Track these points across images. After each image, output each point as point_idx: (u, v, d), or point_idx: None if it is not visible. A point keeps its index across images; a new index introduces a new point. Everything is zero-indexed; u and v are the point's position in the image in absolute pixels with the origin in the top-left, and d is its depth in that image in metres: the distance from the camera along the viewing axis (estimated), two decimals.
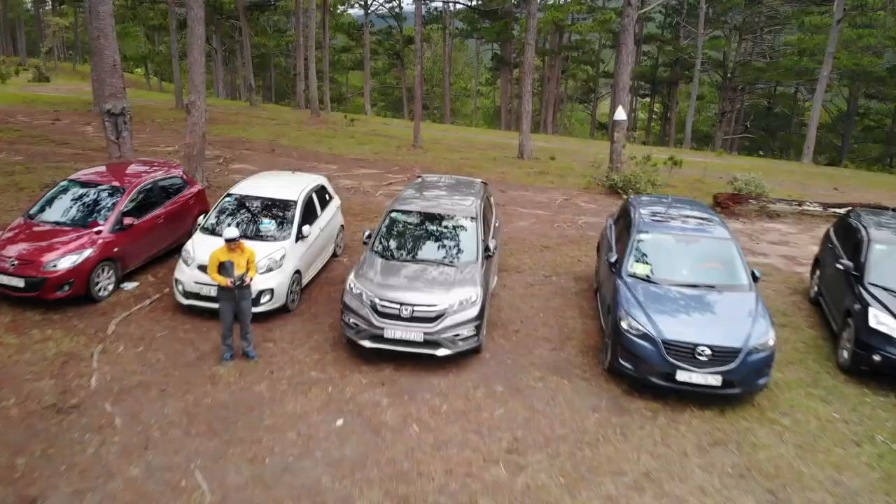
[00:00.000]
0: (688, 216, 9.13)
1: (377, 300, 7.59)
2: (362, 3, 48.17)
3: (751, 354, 6.97)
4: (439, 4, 49.42)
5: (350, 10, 57.00)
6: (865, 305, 7.99)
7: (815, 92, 33.93)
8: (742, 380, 6.98)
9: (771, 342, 7.13)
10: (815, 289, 10.27)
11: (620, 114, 17.98)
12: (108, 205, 9.30)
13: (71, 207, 9.34)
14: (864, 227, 9.29)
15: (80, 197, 9.51)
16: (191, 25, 13.92)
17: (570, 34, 49.66)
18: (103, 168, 10.76)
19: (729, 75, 48.58)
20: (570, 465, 6.18)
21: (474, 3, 47.91)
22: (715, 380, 6.93)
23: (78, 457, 5.98)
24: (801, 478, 6.22)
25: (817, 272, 10.37)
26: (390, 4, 50.83)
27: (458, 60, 66.53)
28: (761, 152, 41.44)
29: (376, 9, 49.30)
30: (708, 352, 6.92)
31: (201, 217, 9.89)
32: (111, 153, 12.97)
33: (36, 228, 9.01)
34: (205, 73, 14.55)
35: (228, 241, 7.29)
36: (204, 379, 7.29)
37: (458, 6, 49.86)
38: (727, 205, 16.01)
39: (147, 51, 58.61)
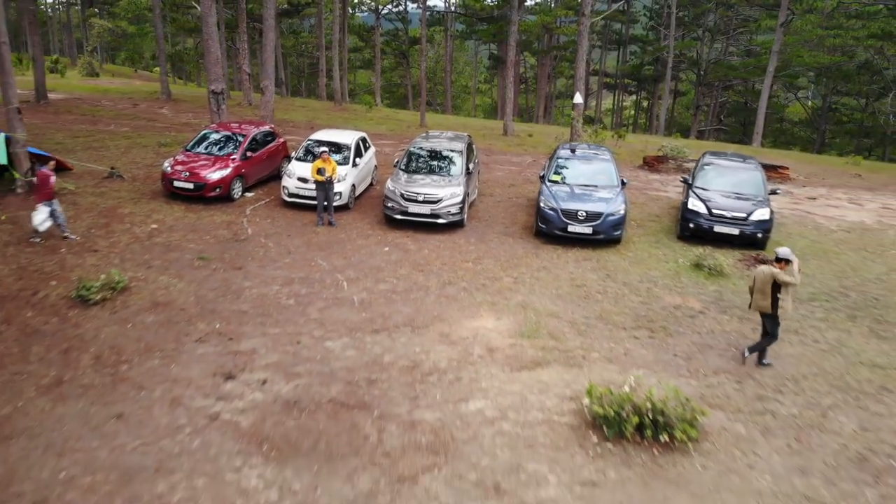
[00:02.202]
0: (589, 152, 14.90)
1: (404, 191, 13.37)
2: (373, 7, 53.85)
3: (609, 217, 12.73)
4: (441, 7, 55.14)
5: (359, 14, 62.80)
6: (688, 197, 13.74)
7: (763, 84, 39.47)
8: (604, 231, 12.74)
9: (622, 211, 12.89)
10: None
11: (578, 98, 23.70)
12: (236, 144, 15.07)
13: (213, 145, 15.13)
14: (702, 158, 15.06)
15: (217, 140, 15.29)
16: (265, 31, 19.70)
17: (557, 36, 54.99)
18: (225, 124, 16.55)
19: (702, 73, 54.13)
20: (506, 264, 11.97)
21: (467, 11, 53.28)
22: (588, 230, 12.70)
23: (254, 255, 11.75)
24: (627, 272, 11.99)
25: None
26: (398, 9, 56.48)
27: (459, 60, 72.12)
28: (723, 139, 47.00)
29: (386, 13, 54.88)
30: (584, 214, 12.68)
31: (293, 153, 15.68)
32: (213, 120, 18.70)
33: (193, 156, 14.78)
34: (273, 65, 20.28)
35: (322, 152, 13.12)
36: (310, 232, 13.09)
37: (463, 2, 55.52)
38: (652, 164, 21.73)
39: (173, 50, 64.27)
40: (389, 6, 54.57)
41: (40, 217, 11.43)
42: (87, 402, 7.47)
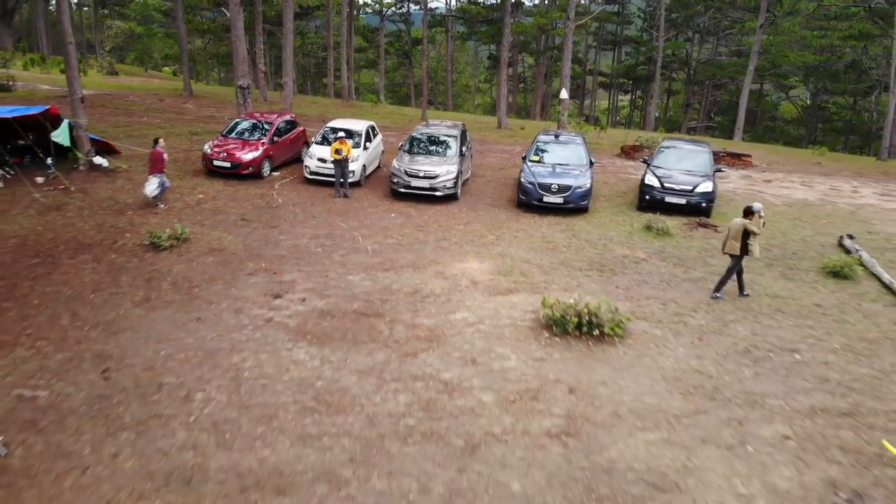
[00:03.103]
0: (565, 137, 17.49)
1: (407, 168, 15.98)
2: (378, 9, 56.49)
3: (577, 189, 15.31)
4: (443, 9, 57.67)
5: (363, 16, 65.42)
6: (646, 173, 16.33)
7: (744, 82, 41.98)
8: (573, 201, 15.33)
9: (588, 185, 15.48)
10: None
11: (564, 94, 26.29)
12: (264, 130, 17.67)
13: (245, 132, 17.74)
14: (662, 142, 17.64)
15: (248, 127, 17.90)
16: (285, 34, 22.31)
17: (554, 37, 57.41)
18: (252, 114, 19.16)
19: (692, 72, 56.62)
20: (491, 226, 14.57)
21: (465, 15, 55.87)
22: (560, 200, 15.29)
23: (285, 218, 14.36)
24: (589, 233, 14.57)
25: None
26: (401, 10, 59.03)
27: (460, 60, 74.71)
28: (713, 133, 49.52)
29: (390, 15, 57.49)
30: (556, 187, 15.27)
31: (312, 139, 18.28)
32: (240, 112, 21.31)
33: (228, 140, 17.39)
34: (292, 64, 22.88)
35: (338, 136, 15.75)
36: (329, 202, 15.70)
37: (461, 7, 58.15)
38: (629, 152, 24.31)
39: (187, 50, 66.65)
40: (393, 8, 57.10)
41: (152, 187, 14.10)
42: (171, 311, 10.08)
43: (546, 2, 59.40)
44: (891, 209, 18.93)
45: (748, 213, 11.20)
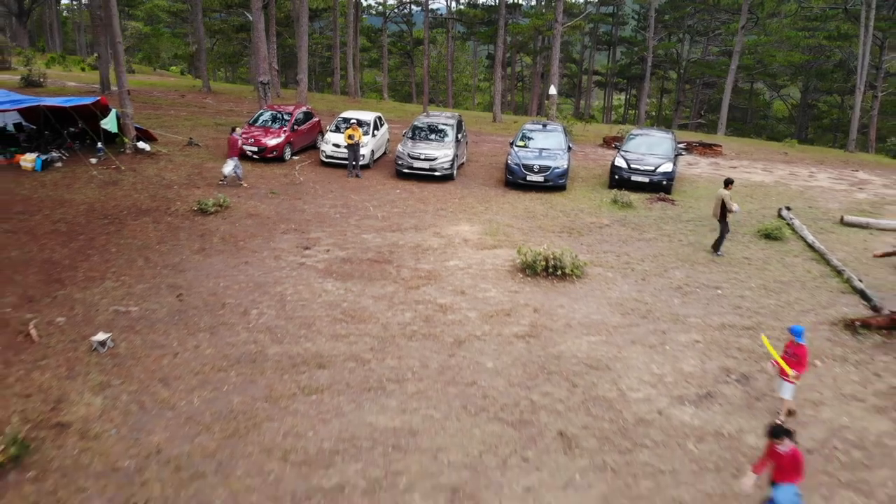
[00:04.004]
0: (547, 127, 20.10)
1: (410, 152, 18.59)
2: (381, 10, 59.08)
3: (555, 169, 17.91)
4: (443, 10, 60.18)
5: (366, 17, 67.94)
6: (616, 156, 18.93)
7: (727, 82, 44.53)
8: (552, 179, 17.93)
9: (565, 166, 18.07)
10: None
11: (553, 90, 28.88)
12: (286, 119, 20.29)
13: (269, 121, 20.36)
14: (631, 131, 20.23)
15: (271, 117, 20.52)
16: (300, 35, 24.89)
17: (549, 37, 59.82)
18: (273, 106, 21.78)
19: (682, 71, 59.13)
20: (481, 200, 17.18)
21: (463, 18, 58.48)
22: (541, 179, 17.90)
23: (307, 192, 16.96)
24: (564, 206, 17.17)
25: None
26: (404, 12, 61.62)
27: (460, 59, 77.28)
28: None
29: (393, 16, 60.07)
30: (538, 168, 17.87)
31: (326, 128, 20.90)
32: (261, 105, 23.91)
33: (254, 129, 20.01)
34: (306, 62, 25.49)
35: (352, 123, 18.34)
36: (343, 181, 18.32)
37: (459, 10, 60.76)
38: (610, 142, 26.90)
39: (189, 51, 69.19)
40: (396, 10, 59.67)
41: (228, 168, 16.70)
42: (224, 257, 12.68)
43: (542, 4, 62.00)
44: (837, 190, 21.52)
45: (727, 184, 13.75)
